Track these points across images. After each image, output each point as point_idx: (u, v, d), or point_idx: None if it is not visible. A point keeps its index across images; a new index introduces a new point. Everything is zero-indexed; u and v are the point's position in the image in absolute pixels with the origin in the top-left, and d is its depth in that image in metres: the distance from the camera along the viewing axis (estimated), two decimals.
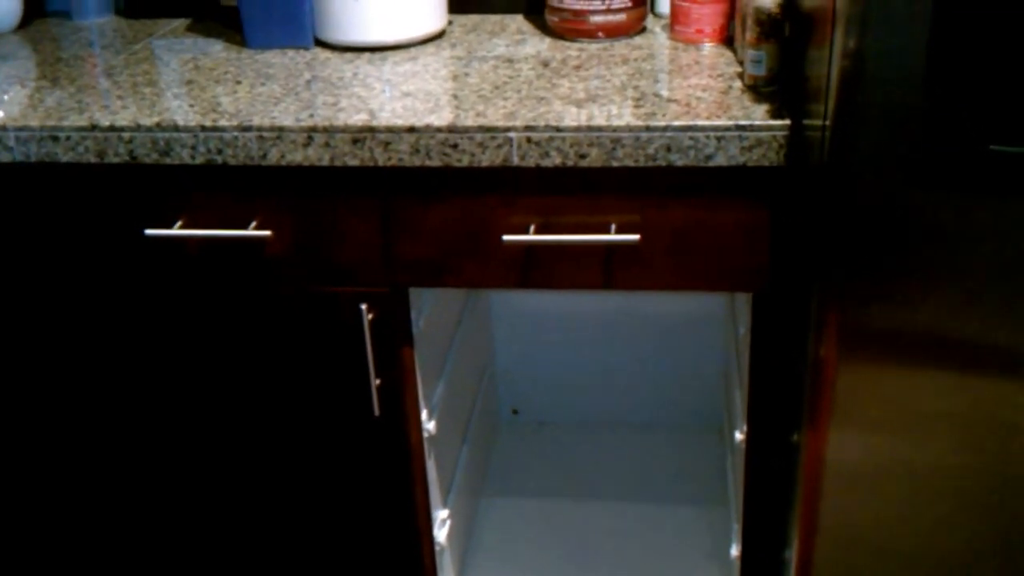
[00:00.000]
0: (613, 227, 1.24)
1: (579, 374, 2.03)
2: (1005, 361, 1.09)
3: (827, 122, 1.06)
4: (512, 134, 1.20)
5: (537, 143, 1.20)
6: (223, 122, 1.24)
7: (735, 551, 1.50)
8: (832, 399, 1.15)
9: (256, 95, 1.33)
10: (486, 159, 1.21)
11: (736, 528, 1.52)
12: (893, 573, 1.23)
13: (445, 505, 1.58)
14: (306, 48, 1.49)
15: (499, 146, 1.20)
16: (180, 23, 1.68)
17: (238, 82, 1.38)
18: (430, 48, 1.48)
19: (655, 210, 1.23)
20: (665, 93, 1.27)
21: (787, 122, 1.16)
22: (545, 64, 1.39)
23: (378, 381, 1.37)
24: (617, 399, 2.05)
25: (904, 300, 1.08)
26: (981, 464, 1.15)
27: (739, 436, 1.41)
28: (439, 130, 1.21)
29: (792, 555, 1.30)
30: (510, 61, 1.41)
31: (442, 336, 1.58)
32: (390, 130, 1.21)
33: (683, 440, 2.02)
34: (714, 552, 1.74)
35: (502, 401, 2.08)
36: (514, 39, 1.50)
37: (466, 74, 1.37)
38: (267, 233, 1.30)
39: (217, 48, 1.53)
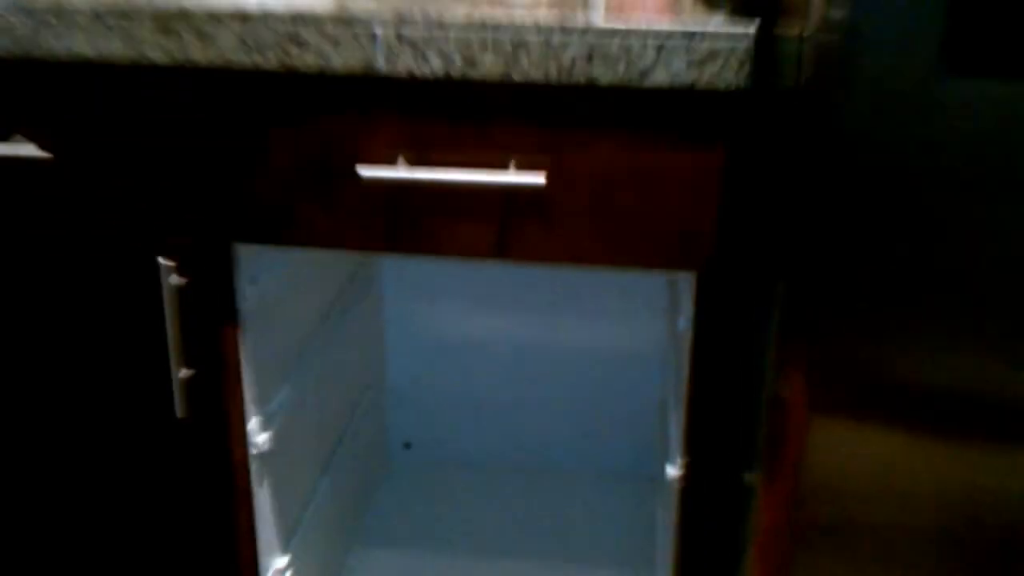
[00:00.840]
0: (513, 167, 0.91)
1: (488, 405, 1.68)
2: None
3: (806, 32, 0.76)
4: (377, 28, 0.87)
5: (411, 42, 0.87)
6: None
7: None
8: (796, 454, 0.85)
9: None
10: (341, 61, 0.88)
11: None
12: None
13: (285, 550, 1.21)
14: None
15: (359, 44, 0.87)
16: None
17: None
18: None
19: (569, 146, 0.90)
20: None
21: (751, 30, 0.84)
22: None
23: (186, 371, 1.01)
24: (531, 437, 1.70)
25: (902, 320, 0.78)
26: (980, 535, 0.85)
27: (672, 472, 1.06)
28: (278, 18, 0.87)
29: None
30: None
31: (295, 323, 1.22)
32: (212, 16, 0.88)
33: (607, 488, 1.67)
34: None
35: (392, 431, 1.72)
36: None
37: None
38: (44, 154, 0.95)
39: None
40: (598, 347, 1.63)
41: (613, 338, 1.62)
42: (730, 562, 1.05)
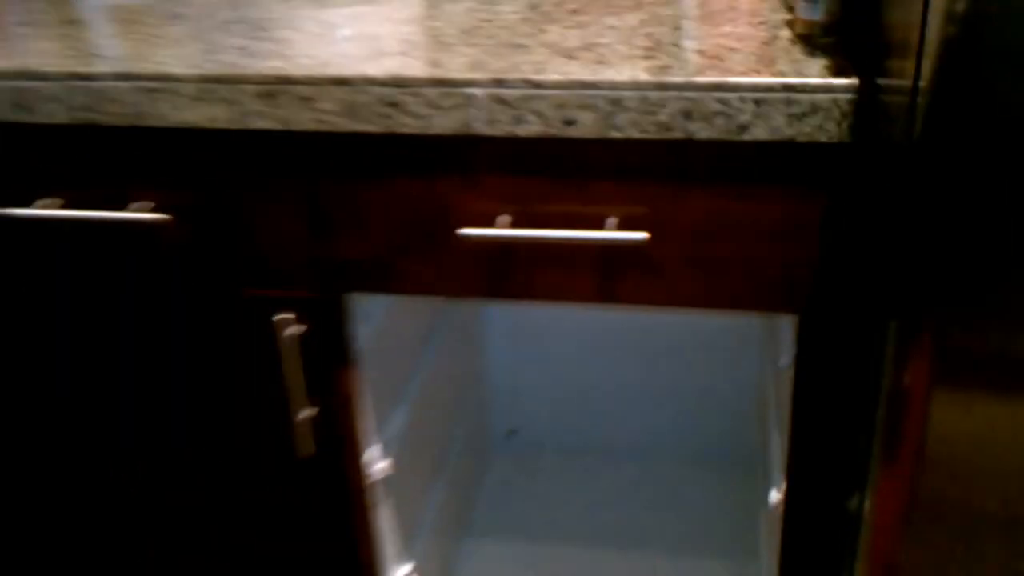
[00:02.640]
0: (612, 222, 0.92)
1: (589, 392, 1.71)
2: None
3: (920, 83, 0.74)
4: (475, 90, 0.88)
5: (509, 103, 0.88)
6: (98, 67, 0.94)
7: None
8: (917, 441, 0.83)
9: (152, 37, 1.02)
10: (440, 124, 0.90)
11: None
12: None
13: (408, 558, 1.27)
14: None
15: (457, 106, 0.89)
16: None
17: (136, 22, 1.08)
18: None
19: (668, 201, 0.91)
20: (688, 43, 0.94)
21: (854, 81, 0.83)
22: (533, 7, 1.07)
23: (307, 412, 1.06)
24: (632, 422, 1.73)
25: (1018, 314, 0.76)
26: None
27: (775, 497, 1.08)
28: (376, 82, 0.89)
29: None
30: (490, 4, 1.09)
31: (403, 350, 1.26)
32: (311, 81, 0.90)
33: (708, 477, 1.70)
34: None
35: (495, 420, 1.77)
36: None
37: (430, 17, 1.05)
38: (162, 216, 0.99)
39: None
40: (696, 334, 1.63)
41: (712, 325, 1.62)
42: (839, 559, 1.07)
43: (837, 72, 0.85)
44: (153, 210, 1.00)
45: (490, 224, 0.94)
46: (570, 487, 1.69)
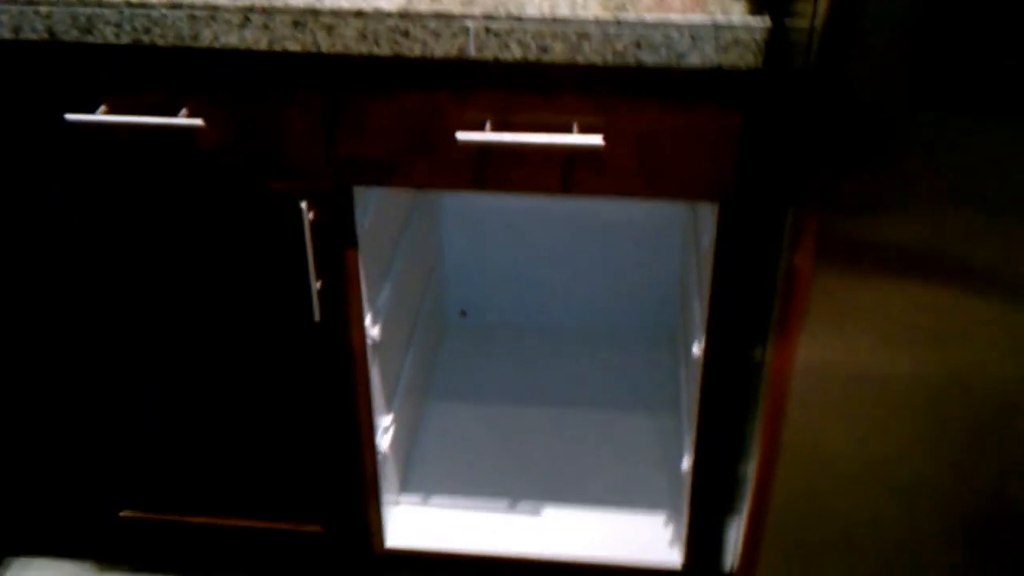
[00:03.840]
0: (575, 128, 1.16)
1: (531, 277, 1.97)
2: (988, 282, 1.04)
3: (815, 23, 0.98)
4: (469, 22, 1.10)
5: (496, 34, 1.10)
6: None
7: (687, 464, 1.47)
8: (804, 308, 1.09)
9: None
10: (440, 50, 1.12)
11: (689, 440, 1.48)
12: (857, 493, 1.19)
13: (389, 411, 1.52)
14: None
15: (454, 35, 1.11)
16: None
17: None
18: None
19: (621, 112, 1.15)
20: None
21: (767, 22, 1.08)
22: None
23: (319, 284, 1.29)
24: (570, 304, 1.99)
25: (885, 211, 1.02)
26: (955, 385, 1.11)
27: (696, 350, 1.35)
28: (389, 15, 1.10)
29: (749, 470, 1.26)
30: None
31: (389, 236, 1.49)
32: (335, 13, 1.11)
33: (635, 348, 1.98)
34: (664, 463, 1.72)
35: (450, 302, 2.01)
36: None
37: None
38: (199, 122, 1.19)
39: None
40: (627, 226, 1.88)
41: (641, 219, 1.88)
42: (743, 413, 1.35)
43: (755, 12, 1.09)
44: (191, 116, 1.20)
45: (478, 130, 1.16)
46: (514, 358, 1.96)
